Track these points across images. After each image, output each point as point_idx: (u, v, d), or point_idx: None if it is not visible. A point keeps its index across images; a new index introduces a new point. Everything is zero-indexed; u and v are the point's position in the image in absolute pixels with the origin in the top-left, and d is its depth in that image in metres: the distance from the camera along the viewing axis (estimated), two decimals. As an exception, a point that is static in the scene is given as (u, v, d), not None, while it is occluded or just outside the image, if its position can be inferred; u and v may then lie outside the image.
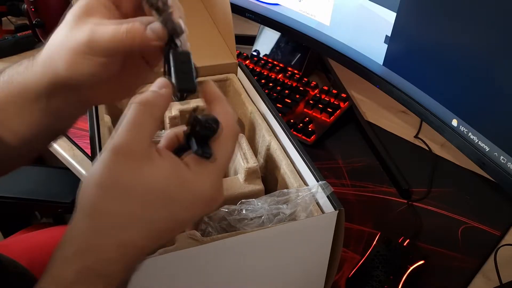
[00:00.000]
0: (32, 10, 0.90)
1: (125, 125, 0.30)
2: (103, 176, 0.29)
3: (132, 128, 0.30)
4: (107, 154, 0.29)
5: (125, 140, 0.29)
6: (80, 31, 0.35)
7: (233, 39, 0.67)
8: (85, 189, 0.30)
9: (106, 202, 0.29)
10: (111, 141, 0.30)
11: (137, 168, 0.29)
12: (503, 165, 0.57)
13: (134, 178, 0.29)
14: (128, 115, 0.30)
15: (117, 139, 0.29)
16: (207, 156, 0.31)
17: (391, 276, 0.59)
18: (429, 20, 0.64)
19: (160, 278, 0.40)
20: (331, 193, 0.46)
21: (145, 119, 0.30)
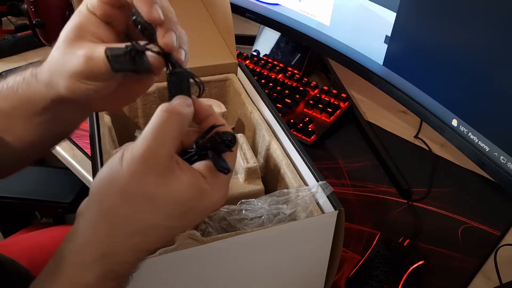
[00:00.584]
0: (32, 10, 0.90)
1: (154, 134, 0.30)
2: (131, 184, 0.30)
3: (160, 138, 0.30)
4: (135, 162, 0.30)
5: (153, 150, 0.30)
6: (74, 57, 0.34)
7: (233, 39, 0.67)
8: (107, 192, 0.30)
9: (131, 210, 0.30)
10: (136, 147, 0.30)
11: (164, 180, 0.30)
12: (503, 165, 0.57)
13: (161, 190, 0.30)
14: (158, 123, 0.30)
15: (145, 148, 0.30)
16: (226, 172, 0.32)
17: (391, 276, 0.59)
18: (429, 20, 0.64)
19: (160, 278, 0.40)
20: (331, 193, 0.46)
21: (173, 131, 0.31)
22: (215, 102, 0.62)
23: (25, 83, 0.39)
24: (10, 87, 0.40)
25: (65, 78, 0.36)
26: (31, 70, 0.40)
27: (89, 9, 0.36)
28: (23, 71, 0.40)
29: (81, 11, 0.36)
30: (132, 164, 0.30)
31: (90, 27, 0.36)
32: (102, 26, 0.36)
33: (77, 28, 0.35)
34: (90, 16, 0.36)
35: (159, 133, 0.30)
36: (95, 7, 0.36)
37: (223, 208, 0.48)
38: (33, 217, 1.15)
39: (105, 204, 0.30)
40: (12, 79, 0.40)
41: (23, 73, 0.40)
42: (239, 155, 0.54)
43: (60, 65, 0.36)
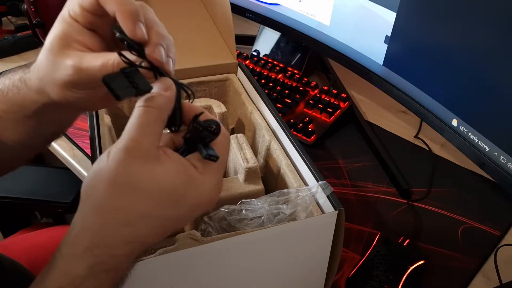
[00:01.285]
0: (32, 10, 0.90)
1: (135, 126, 0.30)
2: (116, 174, 0.30)
3: (142, 129, 0.30)
4: (119, 153, 0.30)
5: (136, 140, 0.30)
6: (63, 68, 0.34)
7: (233, 39, 0.67)
8: (95, 186, 0.30)
9: (119, 200, 0.30)
10: (120, 141, 0.30)
11: (149, 167, 0.30)
12: (503, 165, 0.57)
13: (147, 177, 0.30)
14: (137, 117, 0.31)
15: (127, 139, 0.30)
16: (214, 159, 0.32)
17: (391, 276, 0.59)
18: (429, 20, 0.64)
19: (160, 278, 0.40)
20: (331, 193, 0.46)
21: (154, 121, 0.31)
22: (215, 102, 0.62)
23: (14, 87, 0.39)
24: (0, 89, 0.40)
25: (56, 87, 0.36)
26: (19, 76, 0.39)
27: (71, 16, 0.35)
28: (12, 75, 0.40)
29: (63, 17, 0.35)
30: (116, 155, 0.30)
31: (74, 34, 0.35)
32: (87, 33, 0.36)
33: (62, 37, 0.35)
34: (73, 23, 0.35)
35: (140, 124, 0.30)
36: (78, 14, 0.35)
37: (223, 208, 0.48)
38: (33, 217, 1.15)
39: (94, 197, 0.30)
40: (1, 83, 0.40)
41: (11, 77, 0.40)
42: (239, 155, 0.54)
43: (49, 74, 0.36)
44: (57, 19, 0.36)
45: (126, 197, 0.30)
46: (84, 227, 0.31)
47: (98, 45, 0.36)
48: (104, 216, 0.30)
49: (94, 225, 0.30)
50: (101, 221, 0.30)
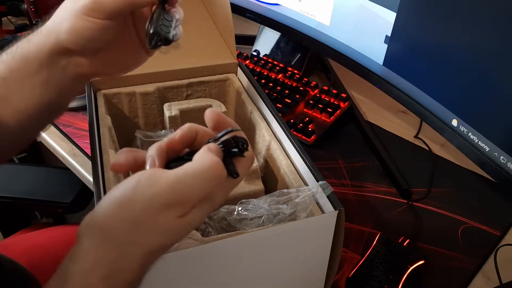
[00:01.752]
0: (32, 10, 0.90)
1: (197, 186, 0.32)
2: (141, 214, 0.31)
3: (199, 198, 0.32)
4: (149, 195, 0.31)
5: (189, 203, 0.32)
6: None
7: (233, 39, 0.67)
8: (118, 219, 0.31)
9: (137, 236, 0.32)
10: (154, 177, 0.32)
11: None
12: (503, 165, 0.57)
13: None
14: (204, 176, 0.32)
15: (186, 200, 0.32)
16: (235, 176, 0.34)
17: (391, 276, 0.59)
18: (429, 20, 0.64)
19: (160, 278, 0.40)
20: (331, 193, 0.46)
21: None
22: (215, 102, 0.62)
23: (25, 40, 0.42)
24: (9, 52, 0.42)
25: (71, 17, 0.39)
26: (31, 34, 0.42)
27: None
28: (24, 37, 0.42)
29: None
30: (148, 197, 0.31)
31: None
32: None
33: None
34: None
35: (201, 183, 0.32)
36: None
37: (223, 208, 0.48)
38: (33, 217, 1.15)
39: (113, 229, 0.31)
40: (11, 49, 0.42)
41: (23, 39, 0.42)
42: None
43: (67, 8, 0.39)
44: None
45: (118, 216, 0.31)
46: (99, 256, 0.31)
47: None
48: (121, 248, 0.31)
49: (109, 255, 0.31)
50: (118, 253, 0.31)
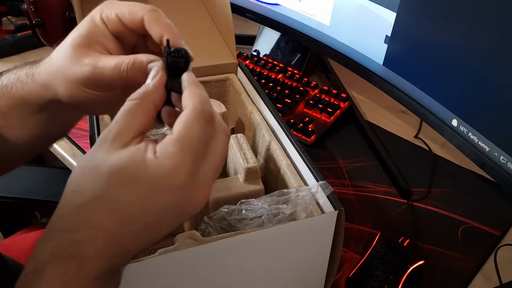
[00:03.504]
0: (32, 10, 0.90)
1: (117, 116, 0.31)
2: (83, 161, 0.31)
3: (120, 119, 0.31)
4: (96, 143, 0.31)
5: (110, 129, 0.31)
6: (79, 65, 0.35)
7: (233, 39, 0.67)
8: (71, 175, 0.31)
9: (79, 182, 0.30)
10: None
11: (109, 151, 0.30)
12: (503, 165, 0.57)
13: (104, 160, 0.30)
14: (122, 108, 0.31)
15: (105, 130, 0.31)
16: (177, 90, 0.32)
17: (391, 276, 0.59)
18: (429, 20, 0.64)
19: (160, 278, 0.40)
20: (331, 193, 0.46)
21: (133, 111, 0.31)
22: (215, 102, 0.62)
23: (19, 82, 0.39)
24: (4, 86, 0.40)
25: (66, 83, 0.36)
26: (26, 70, 0.40)
27: (103, 20, 0.36)
28: (18, 70, 0.40)
29: (93, 19, 0.36)
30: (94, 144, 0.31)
31: (100, 37, 0.36)
32: (111, 39, 0.37)
33: (87, 36, 0.36)
34: (102, 26, 0.36)
35: (120, 116, 0.31)
36: (111, 21, 0.36)
37: (223, 208, 0.48)
38: (33, 217, 1.15)
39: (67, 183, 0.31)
40: (6, 78, 0.40)
41: (17, 72, 0.40)
42: (239, 155, 0.54)
43: (62, 68, 0.36)
44: (86, 18, 0.37)
45: (84, 179, 0.30)
46: (55, 211, 0.31)
47: (119, 52, 0.37)
48: (66, 199, 0.30)
49: (58, 209, 0.30)
50: (63, 204, 0.30)
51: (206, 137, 0.31)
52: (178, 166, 0.30)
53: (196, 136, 0.30)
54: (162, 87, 0.33)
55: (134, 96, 0.32)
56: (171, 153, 0.30)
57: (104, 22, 0.36)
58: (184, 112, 0.31)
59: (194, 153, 0.30)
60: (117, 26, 0.36)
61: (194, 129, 0.30)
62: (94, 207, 0.29)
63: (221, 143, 0.33)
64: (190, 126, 0.30)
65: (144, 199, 0.30)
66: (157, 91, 0.33)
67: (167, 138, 0.30)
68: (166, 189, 0.30)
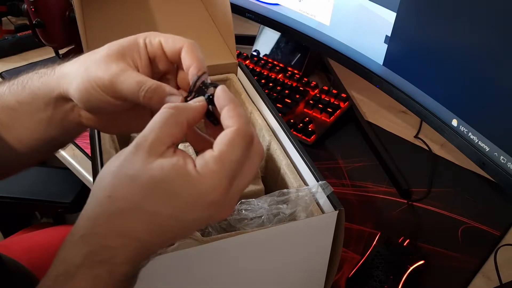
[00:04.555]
0: (32, 10, 0.90)
1: (151, 124, 0.32)
2: (118, 166, 0.31)
3: (158, 127, 0.31)
4: (129, 148, 0.31)
5: (144, 136, 0.31)
6: (105, 68, 0.37)
7: (233, 39, 0.67)
8: (101, 178, 0.31)
9: (114, 189, 0.30)
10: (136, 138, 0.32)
11: (148, 161, 0.30)
12: (503, 165, 0.57)
13: (143, 170, 0.30)
14: (155, 117, 0.32)
15: (140, 136, 0.31)
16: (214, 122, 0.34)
17: (391, 276, 0.59)
18: (429, 20, 0.64)
19: (160, 278, 0.40)
20: (331, 193, 0.46)
21: (170, 122, 0.32)
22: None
23: (37, 76, 0.41)
24: (20, 82, 0.42)
25: (84, 82, 0.37)
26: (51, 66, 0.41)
27: (145, 42, 0.39)
28: (40, 68, 0.42)
29: (137, 39, 0.39)
30: (128, 150, 0.31)
31: (136, 54, 0.39)
32: (146, 60, 0.39)
33: (125, 48, 0.38)
34: (143, 47, 0.39)
35: (155, 124, 0.32)
36: (153, 45, 0.39)
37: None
38: (33, 217, 1.15)
39: (98, 187, 0.31)
40: (25, 75, 0.42)
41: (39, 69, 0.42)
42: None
43: (85, 69, 0.38)
44: (130, 37, 0.40)
45: (121, 187, 0.30)
46: (82, 215, 0.31)
47: (148, 75, 0.39)
48: (99, 205, 0.30)
49: (90, 213, 0.31)
50: (96, 210, 0.30)
51: (244, 158, 0.32)
52: (217, 184, 0.31)
53: (236, 157, 0.31)
54: (202, 111, 0.34)
55: (172, 105, 0.32)
56: (212, 171, 0.31)
57: (146, 44, 0.39)
58: (227, 131, 0.32)
59: (232, 173, 0.31)
60: (156, 51, 0.39)
61: (236, 150, 0.31)
62: (131, 217, 0.30)
63: (255, 165, 0.34)
64: (233, 147, 0.31)
65: (180, 212, 0.31)
66: (196, 111, 0.34)
67: (208, 155, 0.31)
68: (201, 205, 0.31)
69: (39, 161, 0.47)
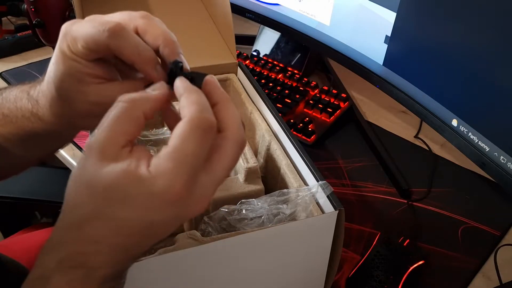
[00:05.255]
0: (32, 10, 0.90)
1: (103, 122, 0.30)
2: (76, 173, 0.30)
3: (108, 126, 0.30)
4: (83, 151, 0.30)
5: (98, 138, 0.30)
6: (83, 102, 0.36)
7: (233, 39, 0.67)
8: (67, 186, 0.31)
9: (75, 197, 0.30)
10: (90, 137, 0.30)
11: (100, 165, 0.29)
12: (503, 165, 0.57)
13: (94, 176, 0.29)
14: (108, 113, 0.30)
15: (93, 137, 0.30)
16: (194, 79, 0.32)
17: (391, 276, 0.59)
18: (429, 20, 0.64)
19: (160, 278, 0.40)
20: (331, 193, 0.46)
21: (122, 118, 0.30)
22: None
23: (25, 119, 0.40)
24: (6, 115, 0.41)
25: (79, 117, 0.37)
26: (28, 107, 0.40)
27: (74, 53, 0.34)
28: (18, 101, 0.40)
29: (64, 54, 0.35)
30: (82, 153, 0.30)
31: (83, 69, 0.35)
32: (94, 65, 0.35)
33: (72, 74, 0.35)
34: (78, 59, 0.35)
35: (108, 122, 0.30)
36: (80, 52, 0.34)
37: (223, 208, 0.48)
38: (33, 217, 1.15)
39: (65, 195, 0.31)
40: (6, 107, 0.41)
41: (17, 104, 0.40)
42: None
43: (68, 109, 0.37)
44: (57, 55, 0.35)
45: (81, 194, 0.30)
46: (57, 224, 0.31)
47: (108, 71, 0.36)
48: (66, 213, 0.30)
49: (60, 222, 0.31)
50: (65, 218, 0.30)
51: (206, 148, 0.30)
52: (172, 182, 0.29)
53: (192, 150, 0.29)
54: (161, 99, 0.32)
55: (124, 98, 0.30)
56: (165, 169, 0.29)
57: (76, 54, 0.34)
58: (180, 123, 0.29)
59: (190, 168, 0.29)
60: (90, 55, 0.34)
61: (190, 143, 0.29)
62: (95, 223, 0.29)
63: (229, 153, 0.31)
64: (186, 140, 0.29)
65: (141, 214, 0.29)
66: (153, 100, 0.31)
67: (162, 152, 0.29)
68: (162, 205, 0.29)
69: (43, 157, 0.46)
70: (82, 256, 0.30)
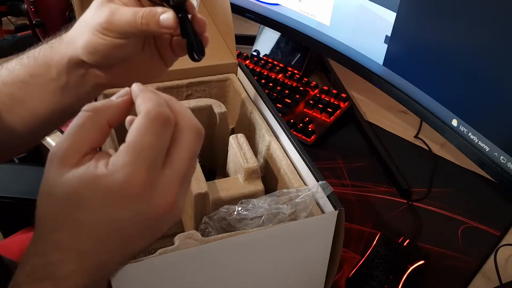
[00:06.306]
0: (32, 10, 0.90)
1: (67, 131, 0.30)
2: (41, 183, 0.31)
3: (70, 134, 0.30)
4: (47, 160, 0.30)
5: (60, 146, 0.30)
6: (101, 13, 0.39)
7: (233, 39, 0.67)
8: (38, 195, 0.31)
9: (39, 208, 0.30)
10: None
11: (59, 174, 0.29)
12: (503, 165, 0.57)
13: (54, 184, 0.29)
14: (73, 121, 0.30)
15: (55, 146, 0.30)
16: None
17: (391, 276, 0.59)
18: (429, 20, 0.64)
19: (160, 278, 0.40)
20: (331, 193, 0.46)
21: (86, 127, 0.30)
22: (215, 102, 0.62)
23: (48, 46, 0.43)
24: (31, 56, 0.43)
25: (87, 33, 0.40)
26: (58, 37, 0.43)
27: None
28: (51, 39, 0.44)
29: None
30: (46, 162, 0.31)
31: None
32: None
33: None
34: None
35: (70, 130, 0.30)
36: None
37: (223, 208, 0.48)
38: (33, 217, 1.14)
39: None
40: (37, 48, 0.44)
41: (46, 44, 0.44)
42: (239, 155, 0.54)
43: (85, 23, 0.40)
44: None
45: (44, 204, 0.30)
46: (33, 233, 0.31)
47: (135, 4, 0.41)
48: (36, 224, 0.30)
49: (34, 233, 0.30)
50: (35, 229, 0.30)
51: (164, 141, 0.30)
52: (131, 176, 0.28)
53: (149, 143, 0.29)
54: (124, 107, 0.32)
55: (88, 107, 0.31)
56: (122, 163, 0.29)
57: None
58: (136, 118, 0.30)
59: (148, 161, 0.29)
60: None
61: (147, 135, 0.29)
62: (60, 231, 0.29)
63: (188, 145, 0.31)
64: (143, 133, 0.29)
65: (104, 216, 0.29)
66: (117, 108, 0.32)
67: (120, 148, 0.29)
68: (123, 201, 0.29)
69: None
70: (48, 267, 0.29)
